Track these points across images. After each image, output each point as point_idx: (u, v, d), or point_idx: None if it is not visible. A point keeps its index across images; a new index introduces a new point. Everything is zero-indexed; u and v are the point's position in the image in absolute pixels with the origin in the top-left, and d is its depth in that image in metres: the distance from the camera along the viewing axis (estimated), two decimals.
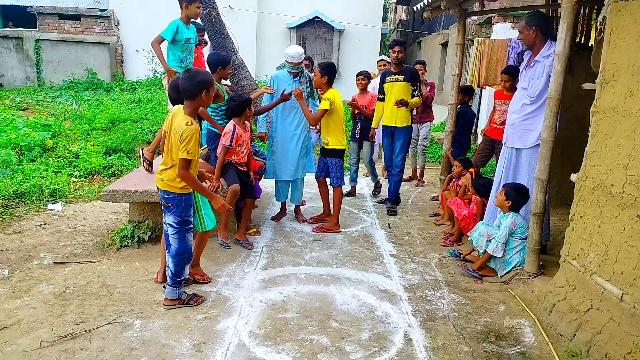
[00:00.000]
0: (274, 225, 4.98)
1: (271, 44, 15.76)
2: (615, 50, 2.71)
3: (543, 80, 3.63)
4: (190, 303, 3.14)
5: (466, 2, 5.28)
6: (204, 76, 2.91)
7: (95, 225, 4.79)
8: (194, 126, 2.85)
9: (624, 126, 2.62)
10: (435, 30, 15.20)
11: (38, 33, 14.07)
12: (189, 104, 2.92)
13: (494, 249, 3.72)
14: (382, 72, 5.81)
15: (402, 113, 5.44)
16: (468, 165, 5.07)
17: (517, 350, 2.81)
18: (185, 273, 3.13)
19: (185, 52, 4.75)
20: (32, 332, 2.77)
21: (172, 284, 3.09)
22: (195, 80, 2.87)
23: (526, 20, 3.72)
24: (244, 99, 4.18)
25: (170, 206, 2.99)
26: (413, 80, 5.41)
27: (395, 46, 5.47)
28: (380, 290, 3.53)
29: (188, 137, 2.80)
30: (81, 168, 6.67)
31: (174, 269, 3.05)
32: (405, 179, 7.09)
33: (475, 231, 3.89)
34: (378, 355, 2.69)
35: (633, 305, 2.47)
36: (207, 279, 3.53)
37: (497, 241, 3.72)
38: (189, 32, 4.72)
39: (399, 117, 5.45)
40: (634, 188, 2.52)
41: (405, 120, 5.46)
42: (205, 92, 2.90)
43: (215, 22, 7.90)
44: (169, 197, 2.98)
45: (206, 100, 2.95)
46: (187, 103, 2.93)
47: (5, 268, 3.67)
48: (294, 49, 4.70)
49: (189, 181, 2.90)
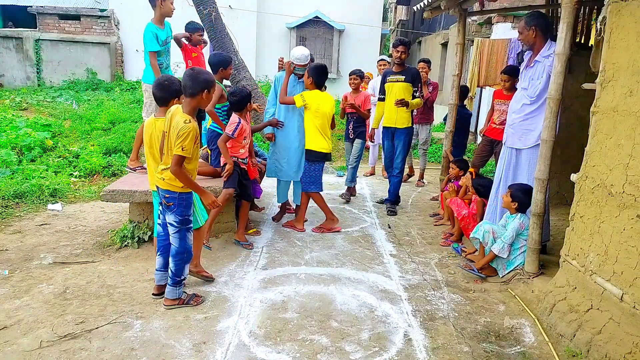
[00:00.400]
0: (274, 225, 4.98)
1: (271, 44, 15.75)
2: (615, 50, 2.71)
3: (543, 80, 3.62)
4: (190, 303, 3.15)
5: (466, 2, 5.27)
6: (207, 76, 2.94)
7: (95, 225, 4.79)
8: (192, 124, 2.86)
9: (624, 126, 2.62)
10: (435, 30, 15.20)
11: (38, 33, 14.08)
12: (189, 102, 2.94)
13: (500, 250, 3.67)
14: (384, 72, 5.77)
15: (402, 114, 5.40)
16: (464, 167, 5.07)
17: (517, 350, 2.81)
18: (185, 272, 3.13)
19: (163, 55, 4.63)
20: (32, 332, 2.77)
21: (172, 283, 3.09)
22: (198, 78, 2.90)
23: (526, 20, 3.70)
24: (244, 94, 4.20)
25: (171, 205, 3.00)
26: (414, 81, 5.36)
27: (399, 46, 5.37)
28: (380, 290, 3.53)
29: (185, 134, 2.82)
30: (81, 168, 6.67)
31: (174, 268, 3.06)
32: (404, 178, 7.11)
33: (480, 229, 3.86)
34: (378, 355, 2.69)
35: (633, 305, 2.47)
36: (212, 276, 3.55)
37: (504, 242, 3.67)
38: (163, 32, 4.59)
39: (400, 118, 5.42)
40: (634, 188, 2.52)
41: (405, 122, 5.43)
42: (207, 91, 2.91)
43: (215, 22, 7.89)
44: (170, 196, 2.99)
45: (206, 100, 2.96)
46: (186, 101, 2.95)
47: (5, 268, 3.67)
48: (300, 51, 4.63)
49: (180, 177, 2.90)
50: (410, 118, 5.47)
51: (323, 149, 4.65)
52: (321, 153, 4.66)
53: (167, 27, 4.66)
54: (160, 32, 4.52)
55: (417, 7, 6.36)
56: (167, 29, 4.66)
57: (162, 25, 4.59)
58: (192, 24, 5.40)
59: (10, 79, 13.90)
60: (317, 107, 4.55)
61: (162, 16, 4.54)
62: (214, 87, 2.99)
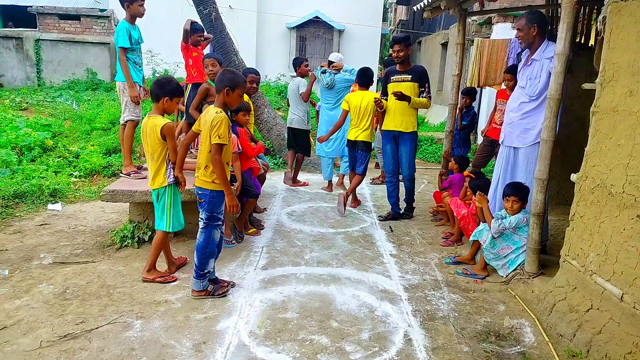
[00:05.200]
0: (274, 225, 4.98)
1: (271, 44, 15.76)
2: (615, 50, 2.71)
3: (542, 79, 3.63)
4: (216, 294, 3.28)
5: (466, 2, 5.27)
6: (231, 75, 3.20)
7: (95, 225, 4.79)
8: (222, 114, 3.10)
9: (624, 126, 2.62)
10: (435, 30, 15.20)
11: (38, 33, 14.07)
12: (217, 97, 3.20)
13: (495, 228, 3.66)
14: (387, 71, 5.41)
15: (408, 117, 5.04)
16: (465, 164, 5.07)
17: (517, 350, 2.81)
18: (209, 266, 3.27)
19: (135, 53, 4.61)
20: (32, 332, 2.77)
21: (197, 276, 3.26)
22: (223, 77, 3.18)
23: (528, 18, 3.70)
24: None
25: (202, 202, 3.22)
26: (421, 80, 5.01)
27: (395, 45, 5.01)
28: (380, 290, 3.53)
29: (218, 122, 3.05)
30: (81, 168, 6.67)
31: (198, 262, 3.23)
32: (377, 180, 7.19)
33: (483, 229, 3.85)
34: (378, 355, 2.69)
35: (633, 305, 2.47)
36: (170, 278, 3.56)
37: (504, 224, 3.66)
38: (135, 32, 4.58)
39: (405, 121, 5.03)
40: (634, 188, 2.52)
41: (411, 126, 5.06)
42: (229, 89, 3.14)
43: (215, 22, 7.88)
44: (202, 193, 3.21)
45: (229, 99, 3.18)
46: (217, 97, 3.20)
47: (5, 268, 3.67)
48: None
49: (217, 166, 3.08)
50: (416, 122, 5.15)
51: (363, 138, 5.35)
52: (362, 142, 5.35)
53: (137, 28, 4.65)
54: (132, 31, 4.53)
55: (417, 7, 6.36)
56: (137, 29, 4.65)
57: (133, 25, 4.59)
58: (192, 25, 5.40)
59: (10, 79, 13.89)
60: (354, 104, 5.32)
61: (132, 17, 4.55)
62: (238, 88, 3.17)
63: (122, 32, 4.42)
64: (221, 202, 3.24)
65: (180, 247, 4.16)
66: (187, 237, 4.27)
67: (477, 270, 3.87)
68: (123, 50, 4.45)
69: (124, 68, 4.47)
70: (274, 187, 6.60)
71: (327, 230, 4.87)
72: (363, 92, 5.37)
